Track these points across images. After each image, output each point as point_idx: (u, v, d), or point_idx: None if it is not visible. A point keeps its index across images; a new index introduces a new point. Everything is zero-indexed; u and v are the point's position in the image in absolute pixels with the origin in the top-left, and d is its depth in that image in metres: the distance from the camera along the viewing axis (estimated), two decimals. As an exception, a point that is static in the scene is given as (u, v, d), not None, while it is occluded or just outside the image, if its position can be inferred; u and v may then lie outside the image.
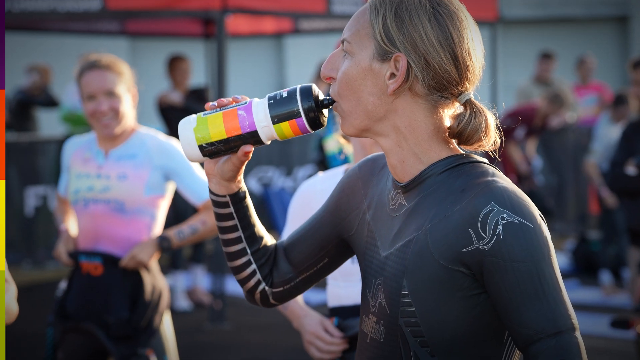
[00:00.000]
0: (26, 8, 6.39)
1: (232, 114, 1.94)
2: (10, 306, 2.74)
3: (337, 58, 1.93)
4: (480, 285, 1.81)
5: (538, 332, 1.75)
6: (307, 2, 7.90)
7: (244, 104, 1.95)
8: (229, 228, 2.06)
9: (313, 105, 1.92)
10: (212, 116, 1.95)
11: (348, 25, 1.92)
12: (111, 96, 3.98)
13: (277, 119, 1.92)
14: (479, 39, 1.90)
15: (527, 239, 1.76)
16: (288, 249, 2.14)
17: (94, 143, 4.11)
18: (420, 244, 1.84)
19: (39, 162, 10.04)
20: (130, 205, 3.97)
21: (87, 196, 4.02)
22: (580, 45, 17.43)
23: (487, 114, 1.89)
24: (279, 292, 2.13)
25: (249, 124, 1.93)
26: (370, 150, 2.90)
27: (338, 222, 2.09)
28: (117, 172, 3.99)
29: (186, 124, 1.96)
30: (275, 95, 1.94)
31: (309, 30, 10.46)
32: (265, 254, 2.11)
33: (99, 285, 3.96)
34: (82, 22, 9.60)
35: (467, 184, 1.83)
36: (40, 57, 13.61)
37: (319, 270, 2.13)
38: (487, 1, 8.90)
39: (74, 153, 4.15)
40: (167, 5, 7.21)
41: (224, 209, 2.05)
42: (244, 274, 2.11)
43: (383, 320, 1.90)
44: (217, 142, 1.94)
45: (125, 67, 4.07)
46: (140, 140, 4.04)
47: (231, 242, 2.08)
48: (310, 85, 1.94)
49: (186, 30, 10.17)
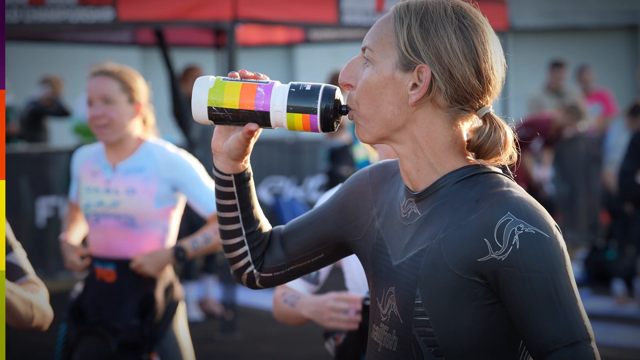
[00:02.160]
0: (38, 19, 6.41)
1: (251, 88, 1.93)
2: (45, 309, 2.74)
3: (356, 65, 1.92)
4: (495, 295, 1.81)
5: (554, 342, 1.75)
6: (317, 12, 7.91)
7: (265, 83, 1.94)
8: (228, 207, 2.05)
9: (332, 107, 1.91)
10: (231, 83, 1.94)
11: (370, 32, 1.91)
12: (107, 103, 3.97)
13: (292, 108, 1.91)
14: (500, 52, 1.90)
15: (544, 249, 1.76)
16: (285, 237, 2.12)
17: (101, 154, 4.10)
18: (433, 253, 1.84)
19: (50, 172, 10.06)
20: (140, 219, 3.97)
21: (97, 211, 4.01)
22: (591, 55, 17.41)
23: (506, 128, 1.89)
24: (267, 277, 2.12)
25: (264, 103, 1.92)
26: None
27: (342, 224, 2.08)
28: (125, 187, 3.98)
29: (203, 83, 1.95)
30: (298, 85, 1.93)
31: (320, 40, 10.46)
32: (259, 238, 2.10)
33: (111, 292, 3.97)
34: (93, 33, 9.63)
35: (482, 194, 1.83)
36: (52, 68, 13.65)
37: (311, 264, 2.12)
38: (498, 10, 8.89)
39: (83, 164, 4.14)
40: (179, 15, 7.22)
41: (226, 187, 2.04)
42: (236, 254, 2.10)
43: (396, 329, 1.90)
44: (227, 110, 1.94)
45: (133, 77, 4.05)
46: (148, 152, 4.02)
47: (228, 221, 2.07)
48: (335, 87, 1.93)
49: (197, 41, 10.19)
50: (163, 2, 7.08)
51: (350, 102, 1.92)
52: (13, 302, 2.59)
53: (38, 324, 2.72)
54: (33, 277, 2.76)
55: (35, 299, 2.70)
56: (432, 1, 1.88)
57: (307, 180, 11.44)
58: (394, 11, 1.90)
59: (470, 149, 1.89)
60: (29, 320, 2.68)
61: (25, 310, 2.65)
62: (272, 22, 7.94)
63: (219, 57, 9.61)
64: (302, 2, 7.80)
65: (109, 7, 6.67)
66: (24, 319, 2.66)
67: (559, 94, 11.16)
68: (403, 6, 1.89)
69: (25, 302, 2.65)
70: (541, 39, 17.55)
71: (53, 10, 6.46)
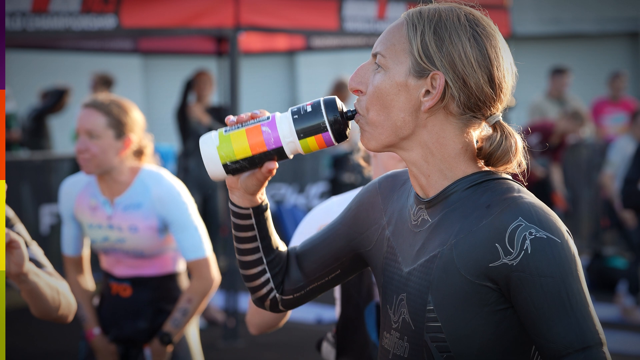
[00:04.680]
0: (41, 27, 6.41)
1: (255, 130, 1.91)
2: (70, 297, 2.71)
3: (366, 71, 1.91)
4: (507, 300, 1.81)
5: (566, 347, 1.75)
6: (319, 20, 7.92)
7: (266, 120, 1.92)
8: (247, 238, 2.05)
9: (339, 117, 1.90)
10: (234, 133, 1.92)
11: (382, 39, 1.90)
12: (91, 137, 3.90)
13: (303, 134, 1.90)
14: (511, 60, 1.91)
15: (555, 254, 1.76)
16: (301, 257, 2.12)
17: (95, 187, 4.03)
18: (445, 259, 1.84)
19: (53, 180, 10.06)
20: (149, 251, 3.96)
21: (104, 246, 3.99)
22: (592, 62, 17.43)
23: (517, 136, 1.90)
24: (288, 299, 2.12)
25: (274, 140, 1.90)
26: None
27: (355, 236, 2.08)
28: (127, 224, 3.94)
29: (208, 142, 1.93)
30: (299, 110, 1.92)
31: (321, 48, 10.47)
32: (279, 263, 2.10)
33: (127, 307, 3.99)
34: (95, 41, 9.64)
35: (493, 200, 1.83)
36: (54, 76, 13.66)
37: (330, 280, 2.12)
38: (500, 17, 8.90)
39: (76, 200, 4.06)
40: (181, 23, 7.23)
41: (245, 220, 2.03)
42: (257, 282, 2.09)
43: (407, 335, 1.90)
44: (242, 160, 1.92)
45: (124, 110, 3.96)
46: (144, 186, 3.95)
47: (247, 252, 2.06)
48: (333, 97, 1.92)
49: (199, 48, 10.21)
50: (166, 10, 7.08)
51: (360, 107, 1.91)
52: (40, 286, 2.55)
53: (64, 313, 2.68)
54: (51, 270, 2.73)
55: (60, 286, 2.68)
56: (444, 8, 1.88)
57: (308, 187, 11.43)
58: (407, 18, 1.89)
59: (481, 157, 1.89)
60: (55, 307, 2.63)
61: (52, 296, 2.61)
62: (274, 29, 7.95)
63: (221, 64, 9.62)
64: (304, 10, 7.81)
65: (112, 14, 6.68)
66: (51, 305, 2.61)
67: (561, 100, 11.15)
68: (416, 13, 1.89)
69: (52, 288, 2.61)
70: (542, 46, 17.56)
71: (56, 18, 6.46)
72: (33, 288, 2.53)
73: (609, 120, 11.51)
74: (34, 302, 2.59)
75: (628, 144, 9.14)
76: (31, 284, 2.52)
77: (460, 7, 1.90)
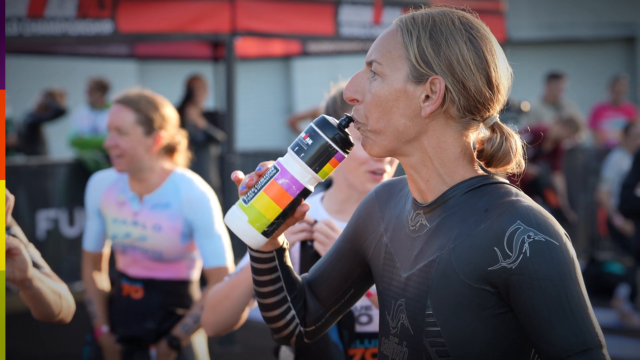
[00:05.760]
0: (38, 32, 6.41)
1: (273, 187, 1.89)
2: (70, 299, 2.69)
3: (361, 80, 1.91)
4: (506, 304, 1.81)
5: (566, 349, 1.75)
6: (315, 25, 7.93)
7: (276, 172, 1.90)
8: (270, 281, 2.03)
9: (339, 133, 1.90)
10: (256, 200, 1.90)
11: (376, 46, 1.90)
12: (120, 134, 3.89)
13: (318, 166, 1.89)
14: (505, 61, 1.91)
15: (554, 256, 1.76)
16: (313, 286, 2.12)
17: (125, 183, 4.01)
18: (444, 263, 1.84)
19: (49, 185, 10.05)
20: (168, 254, 3.92)
21: (124, 242, 3.96)
22: (588, 67, 17.44)
23: (515, 137, 1.91)
24: (311, 330, 2.12)
25: (295, 186, 1.90)
26: (350, 192, 2.85)
27: (358, 249, 2.08)
28: (152, 223, 3.91)
29: (236, 221, 1.91)
30: (300, 147, 1.90)
31: (317, 53, 10.48)
32: (300, 296, 2.09)
33: (136, 309, 3.96)
34: (91, 46, 9.64)
35: (491, 204, 1.83)
36: (50, 80, 13.65)
37: (346, 301, 2.12)
38: (495, 22, 8.92)
39: (104, 194, 4.04)
40: (178, 28, 7.24)
41: (268, 263, 2.02)
42: (282, 322, 2.08)
43: (406, 341, 1.90)
44: (276, 220, 1.91)
45: (155, 107, 3.93)
46: (175, 187, 3.92)
47: (271, 294, 2.05)
48: (322, 116, 1.91)
49: (195, 53, 10.21)
50: (162, 15, 7.09)
51: (359, 116, 1.91)
52: (43, 291, 2.53)
53: (64, 315, 2.66)
54: (48, 271, 2.71)
55: (61, 289, 2.66)
56: (437, 13, 1.88)
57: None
58: (400, 24, 1.89)
59: (483, 159, 1.90)
60: (57, 310, 2.61)
61: (55, 300, 2.59)
62: (270, 34, 7.96)
63: (217, 69, 9.63)
64: (300, 15, 7.82)
65: (108, 19, 6.68)
66: (53, 309, 2.59)
67: (557, 105, 11.15)
68: (409, 19, 1.89)
69: (54, 292, 2.59)
70: (538, 51, 17.58)
71: (52, 23, 6.47)
72: (37, 293, 2.52)
73: (608, 125, 11.49)
74: (37, 306, 2.57)
75: (622, 159, 9.14)
76: (35, 290, 2.51)
77: (452, 11, 1.90)
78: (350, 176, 2.81)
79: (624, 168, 8.75)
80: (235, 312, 2.87)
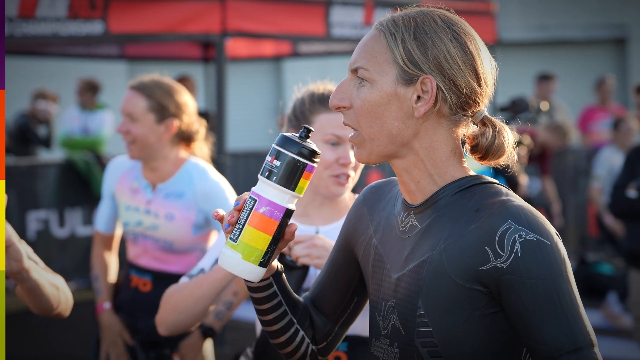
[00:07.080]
0: (29, 32, 6.40)
1: (256, 218, 1.88)
2: (68, 293, 2.67)
3: (347, 87, 1.90)
4: (497, 303, 1.81)
5: (557, 348, 1.75)
6: (306, 26, 7.93)
7: (254, 203, 1.89)
8: (272, 307, 2.02)
9: (304, 147, 1.88)
10: (243, 235, 1.89)
11: (359, 52, 1.89)
12: (132, 120, 3.84)
13: (293, 185, 1.88)
14: (489, 55, 1.92)
15: (545, 256, 1.77)
16: (316, 302, 2.12)
17: (139, 171, 3.97)
18: (435, 263, 1.84)
19: (39, 186, 10.04)
20: (179, 244, 3.87)
21: (135, 230, 3.92)
22: (579, 68, 17.48)
23: (506, 129, 1.91)
24: (323, 347, 2.12)
25: (277, 211, 1.88)
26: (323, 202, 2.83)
27: (352, 256, 2.08)
28: (165, 212, 3.86)
29: (231, 261, 1.90)
30: (270, 171, 1.88)
31: (308, 54, 10.48)
32: (305, 315, 2.09)
33: (144, 302, 3.90)
34: (81, 47, 9.63)
35: (482, 204, 1.84)
36: (41, 81, 13.63)
37: (352, 311, 2.13)
38: (486, 24, 8.93)
39: (119, 179, 4.00)
40: (168, 29, 7.23)
41: (267, 291, 2.01)
42: (293, 345, 2.08)
43: (397, 341, 1.90)
44: (269, 248, 1.90)
45: (169, 94, 3.89)
46: (189, 176, 3.87)
47: (276, 320, 2.04)
48: (282, 135, 1.90)
49: (185, 54, 10.21)
50: (153, 16, 7.08)
51: (351, 122, 1.90)
52: (41, 283, 2.51)
53: (62, 309, 2.64)
54: (43, 266, 2.69)
55: (59, 282, 2.65)
56: (416, 13, 1.89)
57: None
58: (381, 28, 1.88)
59: (477, 153, 1.90)
60: (56, 303, 2.59)
61: (53, 293, 2.57)
62: (260, 35, 7.96)
63: (208, 70, 9.62)
64: (291, 16, 7.82)
65: (99, 20, 6.68)
66: (52, 302, 2.57)
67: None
68: (389, 22, 1.89)
69: (52, 285, 2.57)
70: (528, 53, 17.61)
71: (43, 23, 6.45)
72: (34, 285, 2.50)
73: (597, 126, 11.50)
74: (35, 300, 2.55)
75: (613, 155, 9.14)
76: (32, 282, 2.48)
77: (431, 10, 1.90)
78: (314, 180, 2.77)
79: (615, 164, 8.75)
80: (197, 312, 2.81)
